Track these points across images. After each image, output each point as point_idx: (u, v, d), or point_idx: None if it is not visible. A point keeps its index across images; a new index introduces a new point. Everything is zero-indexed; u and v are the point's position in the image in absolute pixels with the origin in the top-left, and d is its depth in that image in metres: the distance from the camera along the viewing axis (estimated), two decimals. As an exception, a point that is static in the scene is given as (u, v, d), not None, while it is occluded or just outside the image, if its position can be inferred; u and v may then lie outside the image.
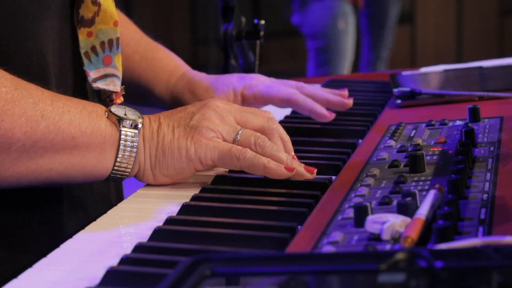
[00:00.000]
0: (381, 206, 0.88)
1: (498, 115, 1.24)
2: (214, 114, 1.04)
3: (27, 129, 0.93)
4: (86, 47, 1.08)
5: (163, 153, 1.01)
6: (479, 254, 0.61)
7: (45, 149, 0.94)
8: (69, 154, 0.96)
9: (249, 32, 1.57)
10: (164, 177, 1.03)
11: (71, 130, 0.96)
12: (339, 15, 4.16)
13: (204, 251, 0.80)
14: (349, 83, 1.72)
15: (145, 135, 1.02)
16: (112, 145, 0.99)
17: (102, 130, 0.98)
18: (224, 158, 1.01)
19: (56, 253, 0.85)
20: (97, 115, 0.99)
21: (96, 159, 0.98)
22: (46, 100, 0.95)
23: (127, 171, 1.00)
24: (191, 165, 1.02)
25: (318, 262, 0.63)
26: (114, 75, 1.10)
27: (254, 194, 0.99)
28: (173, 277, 0.63)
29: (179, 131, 1.02)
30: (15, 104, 0.92)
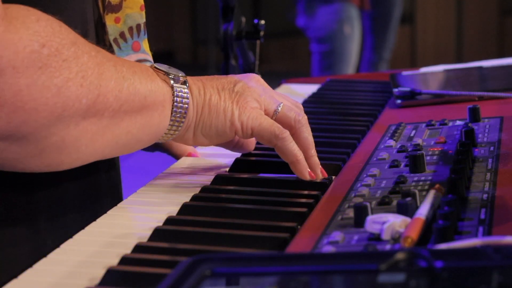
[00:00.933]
0: (381, 206, 0.88)
1: (498, 115, 1.24)
2: (256, 85, 1.04)
3: (116, 92, 0.91)
4: (115, 34, 1.06)
5: (209, 112, 1.01)
6: (479, 254, 0.61)
7: (126, 112, 0.93)
8: (141, 115, 0.95)
9: (249, 32, 1.57)
10: (203, 138, 1.02)
11: (142, 90, 0.94)
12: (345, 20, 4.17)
13: (204, 251, 0.81)
14: (349, 83, 1.72)
15: (192, 92, 1.01)
16: (169, 102, 0.98)
17: (160, 87, 0.97)
18: (263, 132, 1.01)
19: (56, 253, 0.85)
20: (152, 73, 0.97)
21: (159, 117, 0.97)
22: (119, 62, 0.93)
23: (179, 128, 0.99)
24: (232, 129, 1.01)
25: (318, 262, 0.63)
26: (146, 60, 1.09)
27: (254, 194, 0.99)
28: (173, 277, 0.63)
29: (225, 94, 1.02)
30: (104, 67, 0.90)
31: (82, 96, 0.87)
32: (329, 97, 1.56)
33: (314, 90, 1.63)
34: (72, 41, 0.87)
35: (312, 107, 1.44)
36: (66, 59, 0.86)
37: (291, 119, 1.04)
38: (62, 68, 0.85)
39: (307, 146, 1.03)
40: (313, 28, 4.24)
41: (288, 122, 1.03)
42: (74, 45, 0.87)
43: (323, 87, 1.66)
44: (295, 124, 1.03)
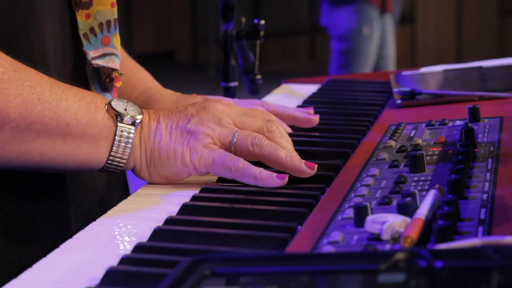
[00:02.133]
0: (381, 206, 0.88)
1: (498, 115, 1.24)
2: (212, 118, 1.04)
3: (22, 110, 0.93)
4: (85, 29, 1.08)
5: (158, 155, 1.02)
6: (479, 254, 0.61)
7: (38, 133, 0.95)
8: (63, 141, 0.97)
9: (249, 32, 1.57)
10: (159, 177, 1.04)
11: (66, 117, 0.96)
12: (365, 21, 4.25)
13: (204, 251, 0.81)
14: (349, 83, 1.72)
15: (142, 134, 1.02)
16: (107, 138, 0.99)
17: (98, 121, 0.99)
18: (217, 167, 1.02)
19: (56, 253, 0.85)
20: (96, 106, 0.99)
21: (90, 149, 0.99)
22: (45, 85, 0.95)
23: (121, 165, 1.01)
24: (185, 170, 1.02)
25: (318, 262, 0.63)
26: (113, 54, 1.11)
27: (254, 194, 0.99)
28: (173, 277, 0.63)
29: (176, 134, 1.02)
30: (12, 84, 0.93)
31: None
32: (329, 97, 1.56)
33: (314, 90, 1.63)
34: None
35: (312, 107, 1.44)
36: None
37: (248, 146, 1.03)
38: None
39: (277, 160, 1.03)
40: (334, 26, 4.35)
41: (246, 150, 1.03)
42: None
43: (323, 87, 1.66)
44: (253, 149, 1.03)
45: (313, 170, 1.03)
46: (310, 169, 1.02)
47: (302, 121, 1.27)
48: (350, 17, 4.25)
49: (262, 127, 1.07)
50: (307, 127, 1.27)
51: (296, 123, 1.27)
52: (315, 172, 1.03)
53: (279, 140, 1.06)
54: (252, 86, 1.64)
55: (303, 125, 1.27)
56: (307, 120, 1.27)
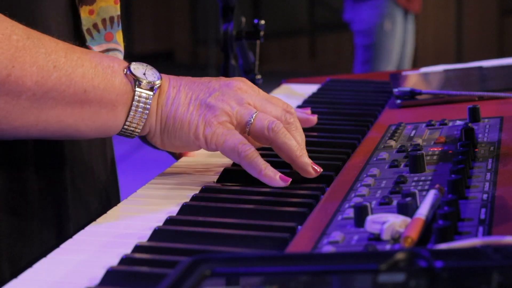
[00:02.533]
0: (381, 206, 0.88)
1: (498, 115, 1.24)
2: (233, 96, 1.04)
3: (38, 78, 0.92)
4: (88, 24, 1.08)
5: (173, 123, 1.02)
6: (479, 254, 0.61)
7: (55, 100, 0.94)
8: (80, 108, 0.96)
9: (249, 32, 1.57)
10: (170, 145, 1.04)
11: (83, 83, 0.95)
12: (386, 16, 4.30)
13: (204, 251, 0.80)
14: (349, 83, 1.72)
15: (160, 100, 1.01)
16: (125, 104, 0.99)
17: (116, 87, 0.98)
18: (227, 148, 1.01)
19: (56, 253, 0.85)
20: (113, 71, 0.98)
21: (108, 115, 0.98)
22: (60, 52, 0.95)
23: (137, 131, 1.01)
24: (196, 143, 1.02)
25: (318, 262, 0.63)
26: (116, 49, 1.10)
27: (254, 194, 0.99)
28: (173, 277, 0.63)
29: (195, 106, 1.02)
30: (26, 52, 0.92)
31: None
32: (329, 97, 1.56)
33: (314, 90, 1.63)
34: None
35: (312, 107, 1.44)
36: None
37: (264, 128, 1.03)
38: None
39: (287, 151, 1.03)
40: (357, 21, 4.40)
41: (261, 133, 1.03)
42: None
43: (323, 87, 1.66)
44: (268, 133, 1.03)
45: (317, 173, 1.03)
46: (314, 172, 1.02)
47: (300, 120, 1.27)
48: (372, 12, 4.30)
49: (281, 116, 1.06)
50: (305, 126, 1.27)
51: None
52: (318, 174, 1.03)
53: (294, 133, 1.05)
54: (252, 86, 1.63)
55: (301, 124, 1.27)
56: (306, 119, 1.26)
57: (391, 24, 4.31)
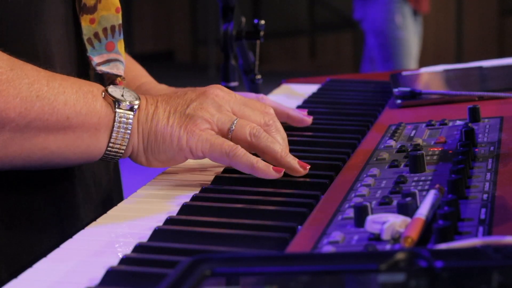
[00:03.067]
0: (381, 206, 0.88)
1: (498, 115, 1.24)
2: (211, 103, 1.04)
3: (21, 109, 0.93)
4: (89, 34, 1.08)
5: (155, 138, 1.02)
6: (479, 254, 0.61)
7: (39, 129, 0.95)
8: (63, 134, 0.97)
9: (249, 32, 1.57)
10: (156, 162, 1.04)
11: (66, 110, 0.96)
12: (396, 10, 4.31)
13: (204, 251, 0.80)
14: (349, 83, 1.72)
15: (139, 117, 1.02)
16: (107, 126, 1.00)
17: (97, 110, 0.99)
18: (215, 152, 1.01)
19: (56, 253, 0.85)
20: (93, 95, 0.99)
21: (90, 139, 0.99)
22: (42, 81, 0.95)
23: (120, 152, 1.01)
24: (181, 154, 1.03)
25: (318, 262, 0.63)
26: (117, 60, 1.10)
27: (254, 194, 0.99)
28: (173, 277, 0.63)
29: (174, 118, 1.02)
30: (10, 84, 0.93)
31: None
32: (329, 97, 1.56)
33: (314, 90, 1.63)
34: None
35: (312, 107, 1.44)
36: None
37: (246, 134, 1.04)
38: None
39: (271, 153, 1.03)
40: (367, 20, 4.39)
41: (244, 137, 1.04)
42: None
43: (323, 87, 1.66)
44: (251, 138, 1.03)
45: (305, 170, 1.03)
46: (302, 169, 1.02)
47: (295, 119, 1.27)
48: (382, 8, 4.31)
49: (260, 120, 1.07)
50: (299, 126, 1.27)
51: (289, 121, 1.27)
52: (306, 172, 1.03)
53: (275, 135, 1.06)
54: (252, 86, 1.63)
55: (296, 124, 1.27)
56: (300, 119, 1.26)
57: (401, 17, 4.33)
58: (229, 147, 1.01)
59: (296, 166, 1.03)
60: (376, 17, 4.35)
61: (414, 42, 4.41)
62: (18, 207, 1.00)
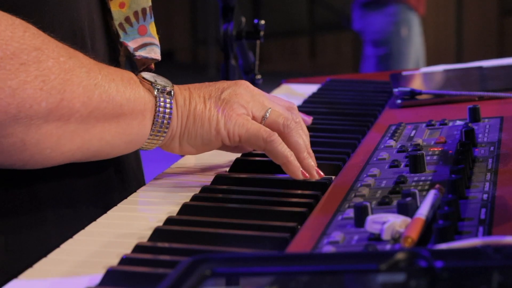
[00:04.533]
0: (381, 206, 0.88)
1: (498, 115, 1.24)
2: (245, 92, 1.04)
3: (84, 99, 0.91)
4: (120, 19, 1.06)
5: (193, 121, 1.01)
6: (479, 254, 0.61)
7: (97, 119, 0.93)
8: (117, 123, 0.96)
9: (249, 32, 1.57)
10: (189, 147, 1.03)
11: (118, 98, 0.95)
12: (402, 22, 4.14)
13: (204, 251, 0.80)
14: (349, 83, 1.72)
15: (177, 101, 1.01)
16: (151, 111, 0.99)
17: (141, 96, 0.98)
18: (251, 137, 1.01)
19: (56, 253, 0.85)
20: (135, 81, 0.98)
21: (139, 126, 0.98)
22: (95, 68, 0.94)
23: (162, 138, 1.00)
24: (218, 138, 1.02)
25: (318, 262, 0.63)
26: (152, 44, 1.09)
27: (254, 194, 0.99)
28: (173, 277, 0.63)
29: (211, 102, 1.02)
30: (73, 73, 0.91)
31: (41, 99, 0.88)
32: (329, 97, 1.56)
33: (314, 90, 1.63)
34: (36, 46, 0.88)
35: (312, 107, 1.44)
36: (24, 63, 0.87)
37: (279, 124, 1.04)
38: (18, 71, 0.86)
39: (298, 150, 1.03)
40: (369, 31, 4.21)
41: (277, 127, 1.04)
42: (37, 50, 0.88)
43: (323, 87, 1.66)
44: (284, 129, 1.04)
45: (319, 176, 1.03)
46: (318, 175, 1.03)
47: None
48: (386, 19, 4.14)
49: (288, 115, 1.07)
50: None
51: None
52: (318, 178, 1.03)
53: (301, 133, 1.06)
54: (252, 86, 1.63)
55: None
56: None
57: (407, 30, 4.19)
58: (267, 133, 1.01)
59: (313, 170, 1.03)
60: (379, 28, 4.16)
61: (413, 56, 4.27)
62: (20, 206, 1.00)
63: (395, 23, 4.13)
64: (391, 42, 4.15)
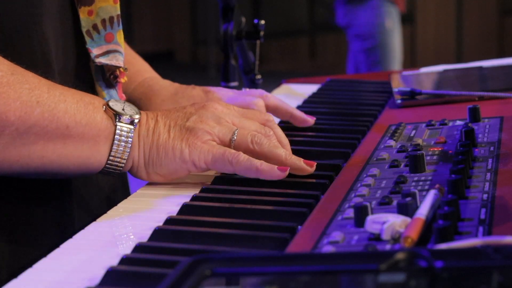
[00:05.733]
0: (381, 206, 0.88)
1: (498, 115, 1.24)
2: (211, 116, 1.05)
3: (21, 113, 0.93)
4: (88, 26, 1.08)
5: (157, 152, 1.02)
6: (479, 254, 0.61)
7: (38, 135, 0.94)
8: (63, 144, 0.96)
9: (249, 32, 1.57)
10: (157, 176, 1.04)
11: (66, 119, 0.96)
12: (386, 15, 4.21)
13: (204, 251, 0.81)
14: (349, 83, 1.72)
15: (140, 132, 1.02)
16: (107, 139, 0.99)
17: (97, 122, 0.98)
18: (218, 162, 1.01)
19: (56, 253, 0.85)
20: (94, 107, 0.99)
21: (90, 150, 0.98)
22: (43, 88, 0.95)
23: (121, 166, 1.01)
24: (184, 167, 1.02)
25: (318, 262, 0.63)
26: (116, 51, 1.10)
27: (254, 194, 0.99)
28: (173, 277, 0.63)
29: (175, 131, 1.02)
30: (11, 88, 0.92)
31: None
32: (329, 97, 1.56)
33: (314, 90, 1.63)
34: None
35: (312, 107, 1.44)
36: None
37: (248, 144, 1.04)
38: None
39: (276, 158, 1.03)
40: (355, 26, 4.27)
41: (245, 146, 1.04)
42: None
43: (323, 87, 1.66)
44: (253, 146, 1.04)
45: (312, 168, 1.03)
46: (309, 167, 1.03)
47: (298, 119, 1.28)
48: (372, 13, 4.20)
49: (260, 130, 1.07)
50: (301, 126, 1.27)
51: (292, 120, 1.28)
52: (314, 169, 1.03)
53: (276, 143, 1.06)
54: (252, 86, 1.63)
55: (298, 123, 1.28)
56: (303, 119, 1.27)
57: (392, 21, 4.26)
58: (231, 155, 1.01)
59: (302, 165, 1.03)
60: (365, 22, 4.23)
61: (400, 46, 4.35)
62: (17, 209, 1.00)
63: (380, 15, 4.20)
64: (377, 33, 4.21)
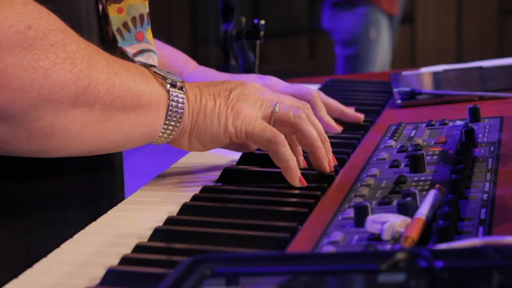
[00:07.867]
0: (381, 206, 0.88)
1: (498, 115, 1.24)
2: (252, 91, 1.05)
3: (107, 85, 0.91)
4: (118, 24, 1.06)
5: (203, 118, 1.01)
6: (479, 254, 0.61)
7: (117, 107, 0.93)
8: (134, 114, 0.95)
9: (249, 32, 1.57)
10: (198, 144, 1.03)
11: (136, 88, 0.95)
12: (371, 24, 4.12)
13: (204, 251, 0.80)
14: (349, 83, 1.72)
15: (189, 97, 1.01)
16: (164, 105, 0.98)
17: (156, 89, 0.97)
18: (256, 136, 1.01)
19: (56, 253, 0.85)
20: (148, 75, 0.98)
21: (154, 118, 0.98)
22: (111, 58, 0.93)
23: (173, 132, 1.00)
24: (227, 135, 1.02)
25: (318, 262, 0.63)
26: (150, 50, 1.09)
27: (254, 194, 0.99)
28: (173, 277, 0.63)
29: (220, 100, 1.02)
30: (96, 59, 0.90)
31: (71, 82, 0.87)
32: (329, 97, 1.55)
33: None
34: (61, 28, 0.88)
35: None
36: (54, 44, 0.86)
37: (290, 116, 1.04)
38: (48, 52, 0.86)
39: (311, 139, 1.03)
40: (338, 31, 4.19)
41: (287, 120, 1.04)
42: (63, 32, 0.88)
43: (323, 87, 1.66)
44: (295, 120, 1.04)
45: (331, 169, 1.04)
46: (329, 167, 1.04)
47: (349, 116, 1.31)
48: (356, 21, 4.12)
49: (299, 106, 1.07)
50: (352, 122, 1.31)
51: (342, 117, 1.31)
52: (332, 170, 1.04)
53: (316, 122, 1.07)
54: (252, 86, 1.63)
55: (349, 120, 1.31)
56: (354, 116, 1.31)
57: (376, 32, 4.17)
58: (272, 133, 1.01)
59: (325, 161, 1.04)
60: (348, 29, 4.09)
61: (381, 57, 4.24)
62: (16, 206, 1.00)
63: (365, 24, 4.11)
64: (359, 43, 4.12)
